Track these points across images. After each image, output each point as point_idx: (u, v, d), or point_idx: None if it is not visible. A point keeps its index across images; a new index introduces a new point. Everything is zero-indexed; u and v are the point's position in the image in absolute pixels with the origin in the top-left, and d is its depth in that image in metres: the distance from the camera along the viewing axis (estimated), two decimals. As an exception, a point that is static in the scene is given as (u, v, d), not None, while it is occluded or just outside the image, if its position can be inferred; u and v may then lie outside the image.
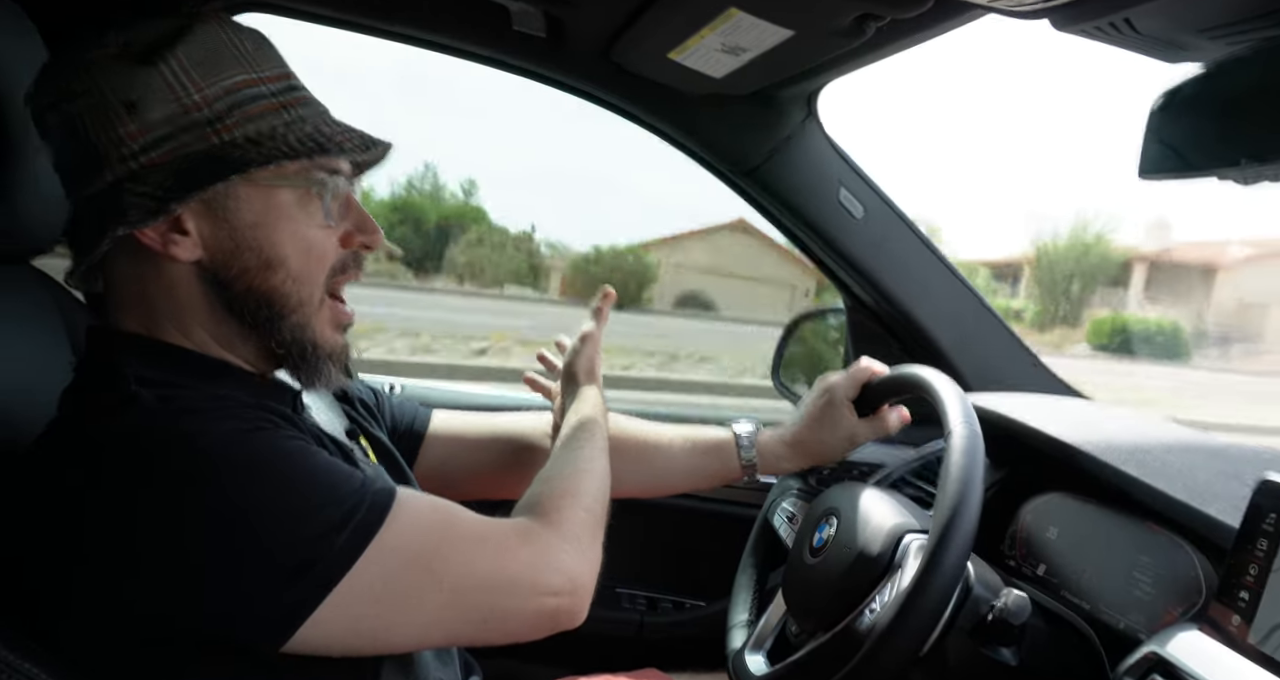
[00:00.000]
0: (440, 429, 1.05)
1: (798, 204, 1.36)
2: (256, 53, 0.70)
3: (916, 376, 0.98)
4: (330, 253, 0.73)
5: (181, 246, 0.68)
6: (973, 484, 0.79)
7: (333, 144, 0.70)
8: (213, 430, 0.62)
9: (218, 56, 0.67)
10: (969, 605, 0.80)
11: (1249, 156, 0.69)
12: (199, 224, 0.68)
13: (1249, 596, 0.69)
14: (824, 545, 0.92)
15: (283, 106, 0.70)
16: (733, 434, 1.08)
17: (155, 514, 0.59)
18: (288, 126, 0.69)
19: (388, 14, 1.21)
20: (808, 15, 0.95)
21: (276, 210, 0.70)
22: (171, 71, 0.66)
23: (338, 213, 0.73)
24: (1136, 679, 0.73)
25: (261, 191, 0.69)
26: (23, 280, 0.85)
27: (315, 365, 0.74)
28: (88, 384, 0.69)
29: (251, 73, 0.69)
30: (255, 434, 0.64)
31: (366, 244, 0.76)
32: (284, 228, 0.70)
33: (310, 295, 0.72)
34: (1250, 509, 0.71)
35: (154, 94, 0.65)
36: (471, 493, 1.05)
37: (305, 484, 0.62)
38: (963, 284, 1.43)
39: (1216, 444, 0.99)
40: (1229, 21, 0.68)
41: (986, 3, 0.78)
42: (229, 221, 0.68)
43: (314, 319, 0.73)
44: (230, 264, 0.69)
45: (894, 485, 1.11)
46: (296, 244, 0.71)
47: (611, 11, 1.09)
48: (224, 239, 0.69)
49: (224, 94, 0.67)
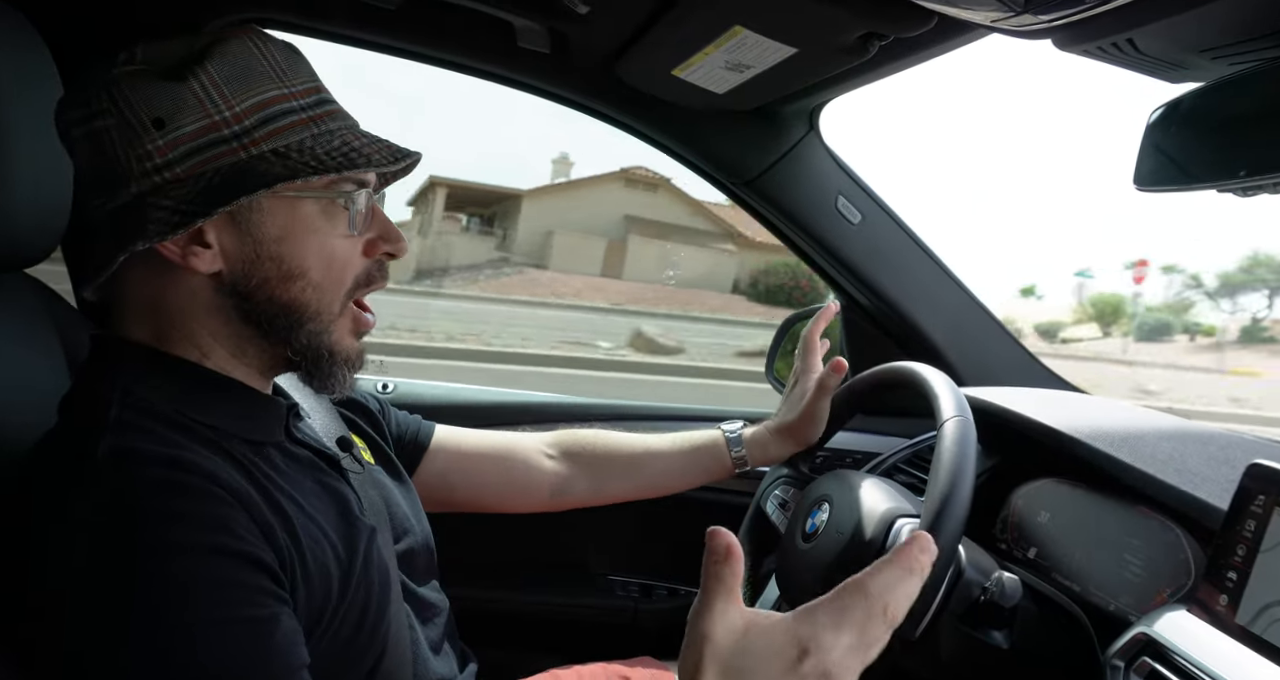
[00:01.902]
0: (443, 442, 1.06)
1: (794, 212, 1.39)
2: (288, 66, 0.70)
3: (907, 369, 1.00)
4: (354, 263, 0.73)
5: (202, 259, 0.67)
6: (964, 468, 0.80)
7: (361, 157, 0.69)
8: (160, 526, 0.59)
9: (249, 71, 0.67)
10: (960, 588, 0.81)
11: (1248, 170, 0.70)
12: (221, 236, 0.67)
13: (1236, 577, 0.71)
14: (816, 531, 0.93)
15: (312, 120, 0.69)
16: (721, 432, 1.11)
17: (84, 581, 0.57)
18: (315, 140, 0.69)
19: (393, 31, 1.22)
20: (812, 33, 0.96)
21: (301, 222, 0.69)
22: (202, 86, 0.65)
23: (361, 222, 0.73)
24: (1126, 660, 0.75)
25: (286, 204, 0.69)
26: (17, 288, 0.85)
27: (330, 371, 0.73)
28: (75, 403, 0.69)
29: (283, 88, 0.69)
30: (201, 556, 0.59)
31: (391, 252, 0.76)
32: (308, 240, 0.70)
33: (330, 304, 0.72)
34: (1239, 491, 0.73)
35: (184, 109, 0.65)
36: (467, 505, 1.08)
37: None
38: (957, 285, 1.45)
39: (1207, 431, 1.00)
40: (1231, 42, 0.69)
41: (990, 23, 0.79)
42: (252, 234, 0.68)
43: (332, 326, 0.72)
44: (251, 275, 0.69)
45: (887, 473, 1.13)
46: (320, 255, 0.70)
47: (617, 28, 1.10)
48: (246, 251, 0.68)
49: (255, 109, 0.67)
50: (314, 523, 0.69)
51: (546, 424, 1.49)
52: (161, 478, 0.60)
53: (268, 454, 0.71)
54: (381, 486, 0.86)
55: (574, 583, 1.46)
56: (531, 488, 1.09)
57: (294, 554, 0.65)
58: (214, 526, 0.60)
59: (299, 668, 0.61)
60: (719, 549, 0.55)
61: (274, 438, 0.73)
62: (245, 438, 0.70)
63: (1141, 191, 0.81)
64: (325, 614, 0.67)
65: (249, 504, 0.63)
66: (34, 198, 0.78)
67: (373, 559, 0.73)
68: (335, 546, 0.70)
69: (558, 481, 1.09)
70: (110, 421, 0.63)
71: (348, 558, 0.70)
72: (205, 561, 0.59)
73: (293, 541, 0.65)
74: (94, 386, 0.67)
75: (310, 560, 0.66)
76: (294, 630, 0.62)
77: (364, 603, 0.71)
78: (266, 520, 0.64)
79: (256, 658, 0.59)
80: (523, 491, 1.09)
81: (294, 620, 0.62)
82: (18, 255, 0.81)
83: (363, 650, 0.71)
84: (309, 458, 0.76)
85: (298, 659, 0.61)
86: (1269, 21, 0.66)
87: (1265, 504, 0.71)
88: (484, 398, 1.55)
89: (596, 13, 1.06)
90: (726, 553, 0.55)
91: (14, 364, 0.80)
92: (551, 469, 1.10)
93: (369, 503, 0.80)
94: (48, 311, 0.87)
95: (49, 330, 0.86)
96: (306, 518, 0.69)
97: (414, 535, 0.87)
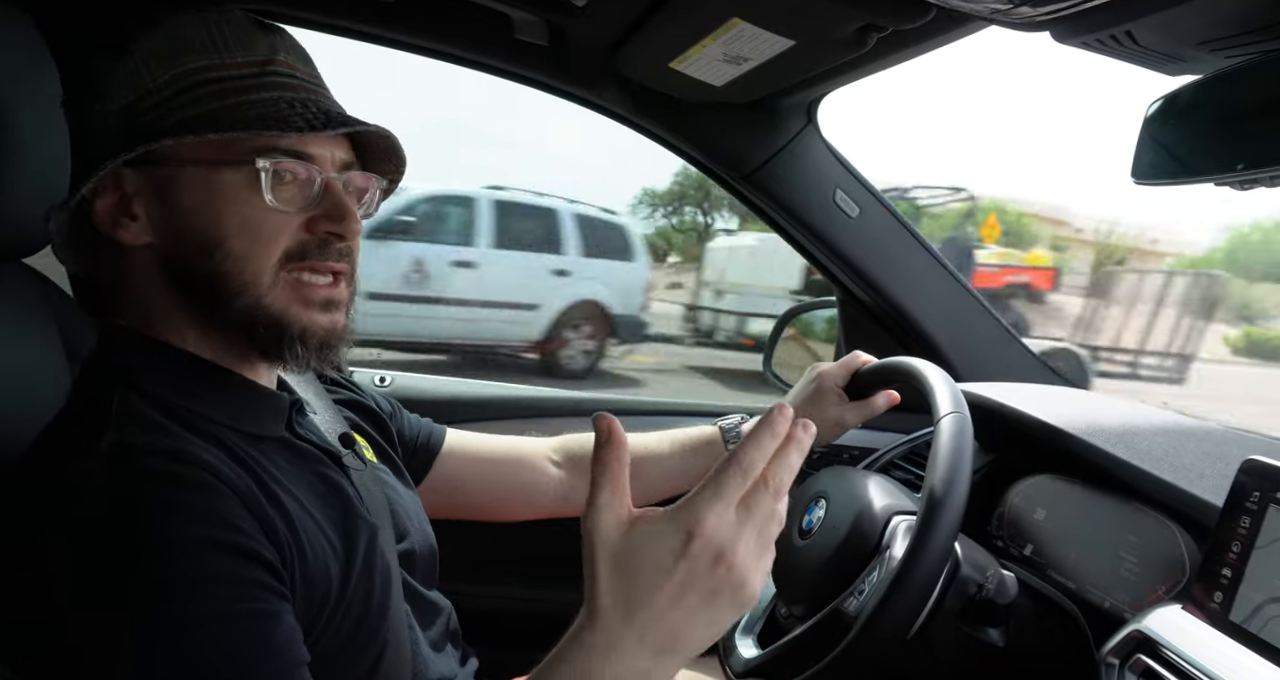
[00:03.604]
0: (454, 445, 1.06)
1: (792, 205, 1.38)
2: (235, 41, 0.70)
3: (904, 364, 0.99)
4: (281, 235, 0.70)
5: (129, 230, 0.69)
6: (961, 464, 0.79)
7: (280, 121, 0.68)
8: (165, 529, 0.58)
9: (183, 46, 0.69)
10: (956, 585, 0.81)
11: (1247, 163, 0.70)
12: (149, 208, 0.69)
13: (1231, 574, 0.71)
14: (812, 528, 0.93)
15: (244, 89, 0.69)
16: (719, 429, 1.11)
17: (77, 592, 0.56)
18: (239, 108, 0.68)
19: (390, 22, 1.22)
20: (810, 25, 0.95)
21: (219, 193, 0.68)
22: (134, 62, 0.69)
23: (300, 198, 0.70)
24: (1121, 657, 0.75)
25: (203, 174, 0.68)
26: (14, 278, 0.85)
27: (292, 348, 0.71)
28: (79, 393, 0.69)
29: (213, 58, 0.69)
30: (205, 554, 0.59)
31: (335, 231, 0.72)
32: (225, 209, 0.68)
33: (257, 275, 0.69)
34: (1234, 488, 0.73)
35: (118, 83, 0.69)
36: (474, 510, 1.08)
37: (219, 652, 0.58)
38: (955, 280, 1.45)
39: (1202, 428, 1.00)
40: (1230, 34, 0.69)
41: (988, 14, 0.79)
42: (171, 205, 0.68)
43: (265, 299, 0.70)
44: (177, 247, 0.69)
45: (884, 469, 1.12)
46: (239, 226, 0.68)
47: (614, 21, 1.10)
48: (169, 222, 0.69)
49: (175, 79, 0.68)
50: (313, 520, 0.69)
51: (545, 418, 1.49)
52: (163, 471, 0.60)
53: (267, 449, 0.71)
54: (384, 485, 0.86)
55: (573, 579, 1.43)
56: (538, 493, 1.10)
57: (294, 551, 0.65)
58: (216, 521, 0.60)
59: (299, 665, 0.60)
60: (603, 431, 0.56)
61: (274, 432, 0.73)
62: (243, 431, 0.70)
63: (1139, 185, 0.81)
64: (324, 613, 0.67)
65: (249, 499, 0.63)
66: (31, 187, 0.78)
67: (374, 558, 0.73)
68: (334, 544, 0.70)
69: (563, 487, 1.10)
70: (113, 413, 0.63)
71: (346, 557, 0.70)
72: (207, 556, 0.58)
73: (293, 538, 0.65)
74: (97, 377, 0.68)
75: (309, 558, 0.66)
76: (294, 627, 0.62)
77: (364, 602, 0.70)
78: (267, 515, 0.64)
79: (259, 652, 0.58)
80: (530, 496, 1.10)
81: (293, 617, 0.62)
82: (15, 245, 0.81)
83: (362, 649, 0.71)
84: (312, 453, 0.76)
85: (298, 656, 0.61)
86: (1267, 14, 0.66)
87: (1260, 500, 0.71)
88: (481, 392, 1.55)
89: (594, 5, 1.06)
90: (609, 435, 0.56)
91: (12, 353, 0.80)
92: (557, 475, 1.10)
93: (371, 500, 0.79)
94: (45, 301, 0.87)
95: (46, 320, 0.86)
96: (305, 514, 0.68)
97: (415, 536, 0.87)
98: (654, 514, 0.56)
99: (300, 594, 0.64)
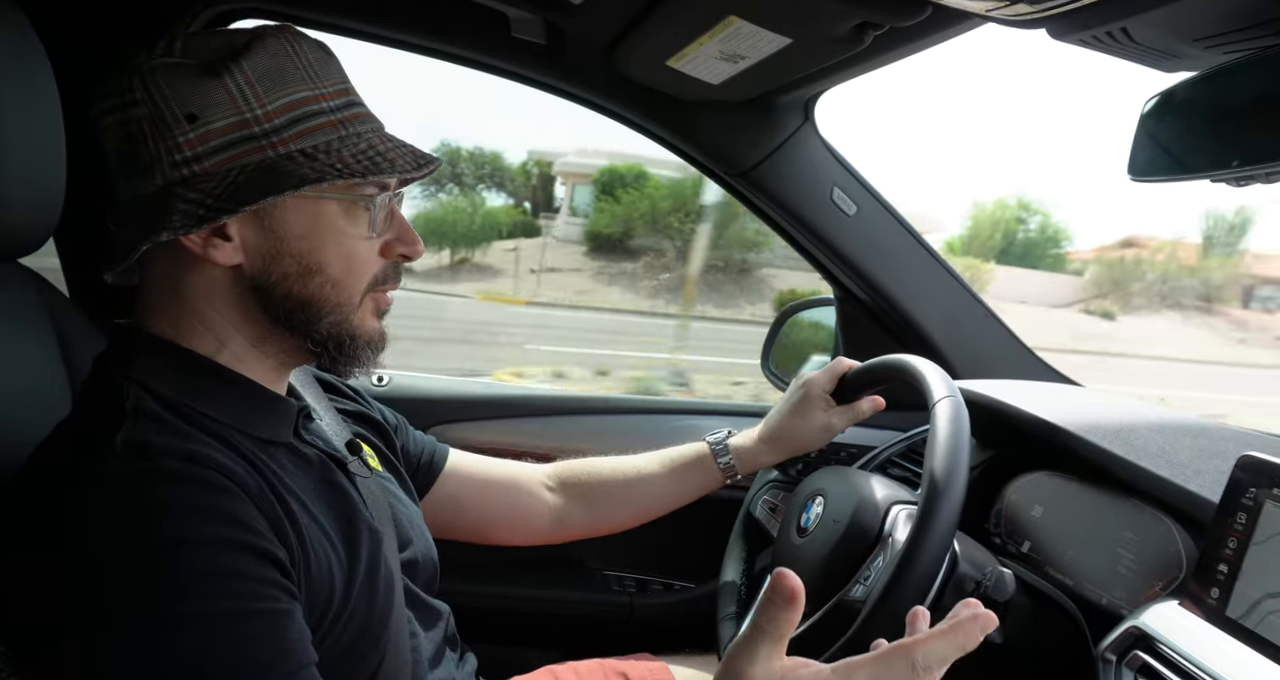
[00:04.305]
0: (456, 465, 1.07)
1: (790, 203, 1.38)
2: (320, 67, 0.70)
3: (891, 360, 0.99)
4: (372, 263, 0.74)
5: (222, 251, 0.68)
6: (960, 446, 0.79)
7: (386, 162, 0.70)
8: (173, 528, 0.58)
9: (282, 71, 0.68)
10: (954, 582, 0.81)
11: (1242, 159, 0.70)
12: (243, 231, 0.68)
13: (1227, 570, 0.71)
14: (810, 525, 0.93)
15: (340, 122, 0.70)
16: (707, 444, 1.11)
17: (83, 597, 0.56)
18: (342, 142, 0.70)
19: (387, 20, 1.22)
20: (807, 23, 0.95)
21: (323, 222, 0.70)
22: (236, 84, 0.66)
23: (381, 225, 0.74)
24: (1119, 654, 0.75)
25: (309, 203, 0.69)
26: (10, 278, 0.85)
27: (353, 354, 0.74)
28: (91, 392, 0.69)
29: (314, 89, 0.69)
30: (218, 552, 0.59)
31: (406, 254, 0.77)
32: (329, 239, 0.71)
33: (349, 299, 0.73)
34: (1230, 484, 0.73)
35: (216, 105, 0.66)
36: (472, 532, 1.09)
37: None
38: (953, 277, 1.45)
39: (1200, 424, 1.00)
40: (1225, 31, 0.69)
41: (984, 12, 0.79)
42: (274, 231, 0.69)
43: (353, 318, 0.74)
44: (271, 270, 0.69)
45: (880, 468, 1.12)
46: (339, 255, 0.71)
47: (611, 19, 1.10)
48: (267, 246, 0.69)
49: (285, 109, 0.67)
50: (318, 525, 0.69)
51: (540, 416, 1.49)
52: (177, 470, 0.61)
53: (275, 453, 0.71)
54: (388, 494, 0.86)
55: (570, 579, 1.45)
56: (534, 518, 1.11)
57: (300, 554, 0.65)
58: (228, 520, 0.60)
59: (309, 664, 0.61)
60: (783, 592, 0.54)
61: (282, 437, 0.73)
62: (253, 434, 0.70)
63: (1136, 182, 0.81)
64: (328, 618, 0.67)
65: (261, 500, 0.63)
66: (27, 188, 0.78)
67: (377, 565, 0.73)
68: (338, 550, 0.70)
69: (558, 513, 1.11)
70: (127, 413, 0.63)
71: (350, 562, 0.70)
72: (221, 554, 0.59)
73: (299, 541, 0.65)
74: (111, 377, 0.68)
75: (314, 562, 0.66)
76: (304, 627, 0.62)
77: (366, 608, 0.71)
78: (277, 517, 0.64)
79: (272, 649, 0.59)
80: (526, 521, 1.11)
81: (303, 618, 0.63)
82: (11, 245, 0.81)
83: (364, 656, 0.71)
84: (318, 459, 0.76)
85: (309, 656, 0.61)
86: (1263, 10, 0.65)
87: (1257, 496, 0.71)
88: (477, 390, 1.55)
89: (591, 3, 1.06)
90: (790, 597, 0.54)
91: (8, 353, 0.80)
92: (552, 500, 1.11)
93: (375, 507, 0.80)
94: (42, 301, 0.87)
95: (43, 320, 0.86)
96: (311, 519, 0.69)
97: (418, 545, 0.87)
98: (807, 671, 0.55)
99: (305, 598, 0.65)
